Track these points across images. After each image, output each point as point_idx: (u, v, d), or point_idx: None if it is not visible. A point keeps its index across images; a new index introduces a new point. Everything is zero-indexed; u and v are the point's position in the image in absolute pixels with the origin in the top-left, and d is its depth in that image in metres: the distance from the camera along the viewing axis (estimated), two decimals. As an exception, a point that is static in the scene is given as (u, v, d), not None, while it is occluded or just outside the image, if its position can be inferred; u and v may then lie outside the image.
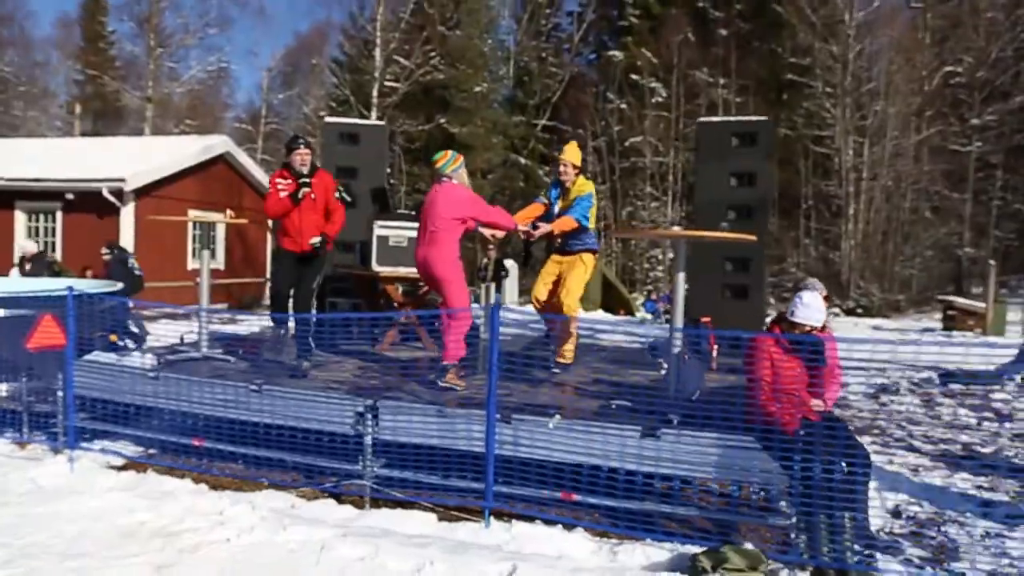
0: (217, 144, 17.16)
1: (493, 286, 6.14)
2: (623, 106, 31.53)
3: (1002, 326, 14.16)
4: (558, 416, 3.89)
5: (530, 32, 35.68)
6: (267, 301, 19.80)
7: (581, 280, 5.75)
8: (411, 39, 30.37)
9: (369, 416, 4.22)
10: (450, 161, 5.19)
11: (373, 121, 9.15)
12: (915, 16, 29.33)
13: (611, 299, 19.24)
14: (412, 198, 33.70)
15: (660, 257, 30.26)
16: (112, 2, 36.37)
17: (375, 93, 29.42)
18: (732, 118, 7.44)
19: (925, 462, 5.32)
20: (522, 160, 34.03)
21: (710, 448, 3.74)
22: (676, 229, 4.54)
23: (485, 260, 5.96)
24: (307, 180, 5.45)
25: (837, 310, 24.23)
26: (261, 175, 18.86)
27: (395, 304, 6.72)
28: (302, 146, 5.49)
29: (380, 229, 6.50)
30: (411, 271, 6.36)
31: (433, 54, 30.66)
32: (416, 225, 6.29)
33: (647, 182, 30.53)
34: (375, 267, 6.47)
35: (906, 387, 8.00)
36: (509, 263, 8.46)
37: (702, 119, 7.40)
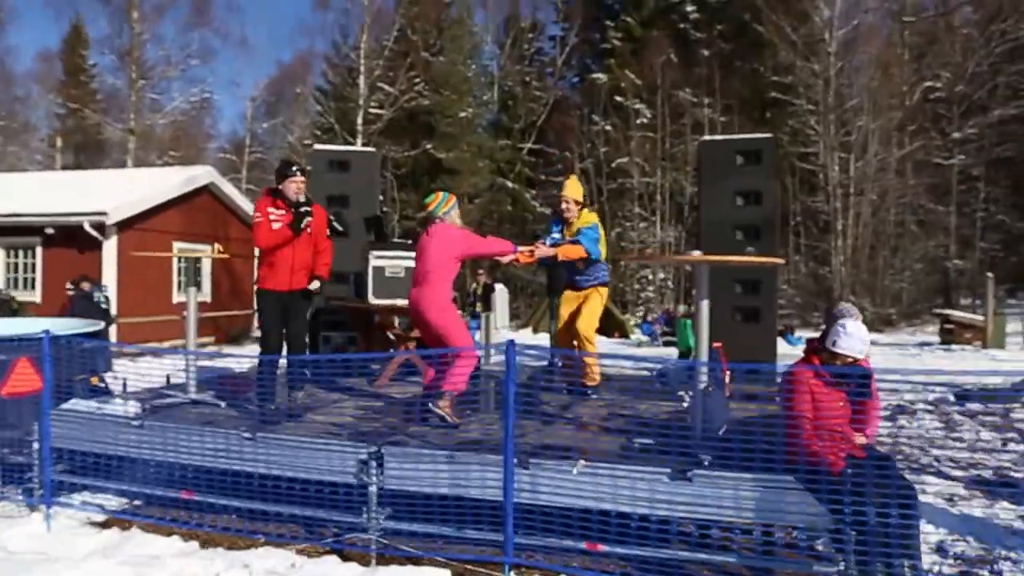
0: (201, 175, 16.85)
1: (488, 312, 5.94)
2: (608, 128, 31.52)
3: (1002, 339, 14.02)
4: (582, 461, 3.58)
5: (513, 56, 35.76)
6: (256, 333, 19.41)
7: (596, 311, 5.80)
8: (395, 66, 30.32)
9: (373, 463, 3.90)
10: (442, 203, 5.07)
11: (363, 148, 8.83)
12: (895, 32, 29.59)
13: (605, 322, 18.95)
14: (402, 225, 33.51)
15: (650, 277, 30.09)
16: (93, 35, 36.13)
17: (360, 120, 29.24)
18: (735, 136, 7.24)
19: (960, 490, 5.04)
20: (509, 184, 33.91)
21: (747, 490, 3.45)
22: (696, 254, 4.26)
23: (474, 285, 5.75)
24: (308, 210, 5.11)
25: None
26: (247, 205, 18.54)
27: (393, 338, 6.41)
28: (298, 173, 5.09)
29: (376, 259, 6.21)
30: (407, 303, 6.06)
31: (417, 80, 30.61)
32: (413, 254, 6.02)
33: (635, 203, 30.45)
34: (371, 299, 6.16)
35: (923, 408, 7.75)
36: (499, 287, 8.16)
37: (704, 138, 7.20)
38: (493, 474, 3.66)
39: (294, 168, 5.13)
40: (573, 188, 5.85)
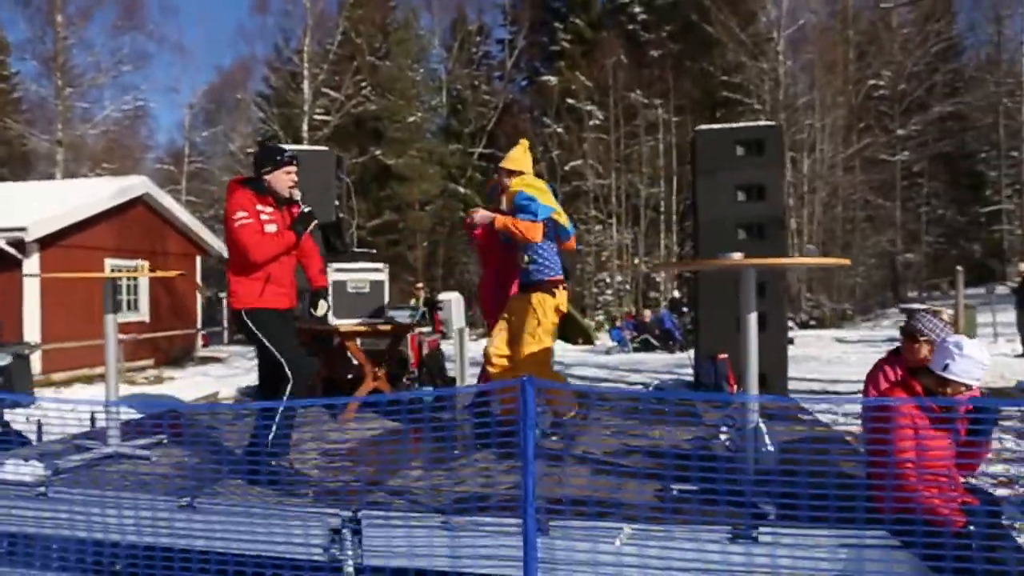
0: (135, 185, 15.57)
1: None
2: (560, 130, 30.98)
3: (973, 332, 13.79)
4: (627, 528, 2.80)
5: (461, 60, 34.97)
6: (200, 353, 18.10)
7: (533, 333, 4.30)
8: (340, 70, 29.23)
9: (348, 533, 3.05)
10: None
11: (316, 147, 7.91)
12: (840, 31, 29.82)
13: (568, 329, 18.28)
14: (350, 235, 32.31)
15: (608, 280, 29.60)
16: (13, 40, 33.99)
17: (305, 127, 28.06)
18: (735, 124, 6.59)
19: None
20: (461, 189, 33.06)
21: (831, 550, 2.72)
22: (737, 256, 3.49)
23: (413, 300, 4.89)
24: (311, 211, 3.97)
25: (791, 324, 23.93)
26: (186, 217, 17.30)
27: (359, 365, 5.52)
28: (292, 162, 3.92)
29: (336, 273, 5.33)
30: (375, 323, 5.20)
31: (364, 85, 29.57)
32: (379, 266, 5.18)
33: (590, 205, 29.93)
34: (331, 320, 5.28)
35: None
36: (453, 295, 7.41)
37: (700, 127, 6.53)
38: (509, 545, 2.84)
39: (287, 155, 3.91)
40: (510, 157, 4.68)
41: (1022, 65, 29.77)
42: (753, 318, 3.39)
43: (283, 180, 3.89)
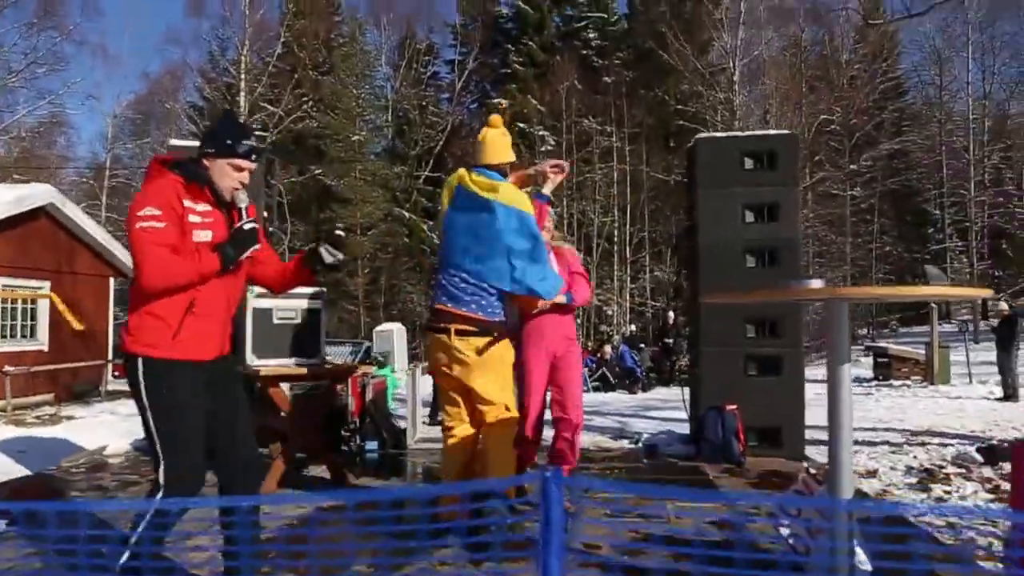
0: (37, 194, 13.84)
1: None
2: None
3: (947, 374, 13.26)
4: None
5: (409, 79, 33.97)
6: (111, 386, 16.27)
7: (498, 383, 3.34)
8: (279, 83, 27.81)
9: None
10: None
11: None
12: (794, 64, 29.99)
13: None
14: (287, 259, 30.58)
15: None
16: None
17: (241, 142, 26.45)
18: (742, 133, 5.65)
19: None
20: (405, 214, 31.84)
21: None
22: (816, 284, 2.50)
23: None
24: (255, 227, 2.63)
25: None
26: (99, 232, 15.59)
27: (283, 415, 4.29)
28: (252, 155, 2.63)
29: (257, 299, 4.11)
30: (308, 364, 4.01)
31: (305, 99, 28.20)
32: (314, 290, 4.01)
33: (541, 233, 29.05)
34: (250, 361, 4.05)
35: (953, 471, 6.34)
36: (395, 326, 6.22)
37: (701, 135, 5.58)
38: None
39: (245, 143, 2.58)
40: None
41: (968, 107, 30.41)
42: (846, 371, 2.35)
43: (227, 175, 2.57)
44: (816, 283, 2.48)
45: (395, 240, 31.40)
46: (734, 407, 5.00)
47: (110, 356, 16.68)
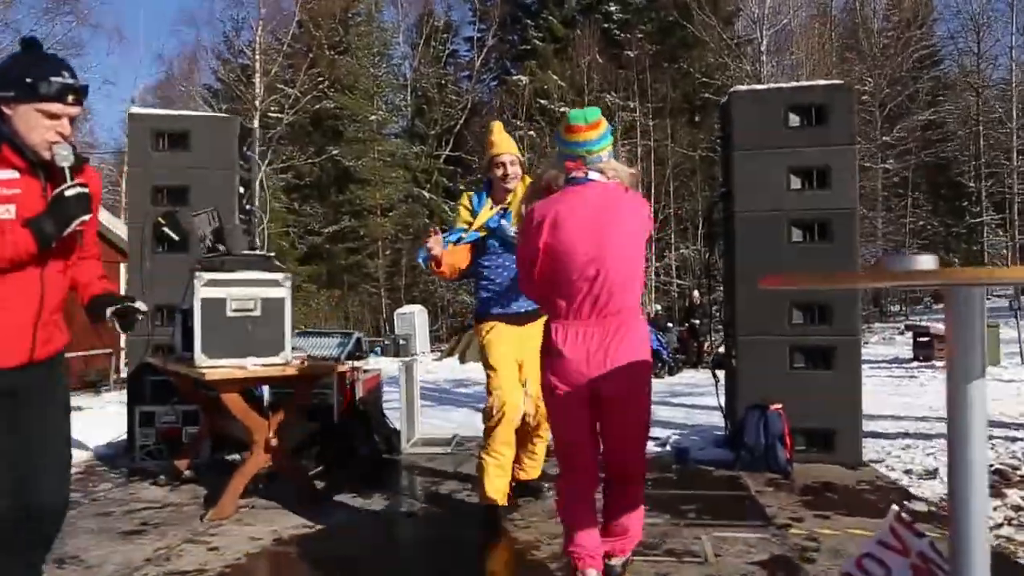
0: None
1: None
2: (532, 132, 29.30)
3: (997, 353, 12.31)
4: None
5: (427, 58, 33.13)
6: (123, 374, 15.93)
7: None
8: (295, 64, 27.17)
9: None
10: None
11: (213, 113, 5.95)
12: (824, 33, 28.72)
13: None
14: (307, 242, 30.20)
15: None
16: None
17: (256, 124, 25.94)
18: (787, 85, 4.84)
19: None
20: (426, 194, 31.16)
21: None
22: (926, 263, 1.84)
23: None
24: (84, 191, 2.02)
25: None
26: (107, 218, 15.17)
27: (247, 431, 3.63)
28: (70, 95, 1.98)
29: (207, 288, 3.45)
30: (272, 363, 3.37)
31: (321, 80, 27.51)
32: (276, 276, 3.37)
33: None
34: (198, 361, 3.39)
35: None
36: (417, 308, 5.63)
37: (737, 88, 4.80)
38: None
39: (56, 79, 1.95)
40: (507, 139, 3.50)
41: (1011, 72, 28.93)
42: (979, 392, 1.62)
43: (37, 126, 1.94)
44: (926, 261, 1.73)
45: (416, 221, 30.72)
46: (778, 406, 4.27)
47: (122, 344, 16.33)
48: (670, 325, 15.82)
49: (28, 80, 1.92)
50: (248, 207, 5.26)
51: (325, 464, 4.38)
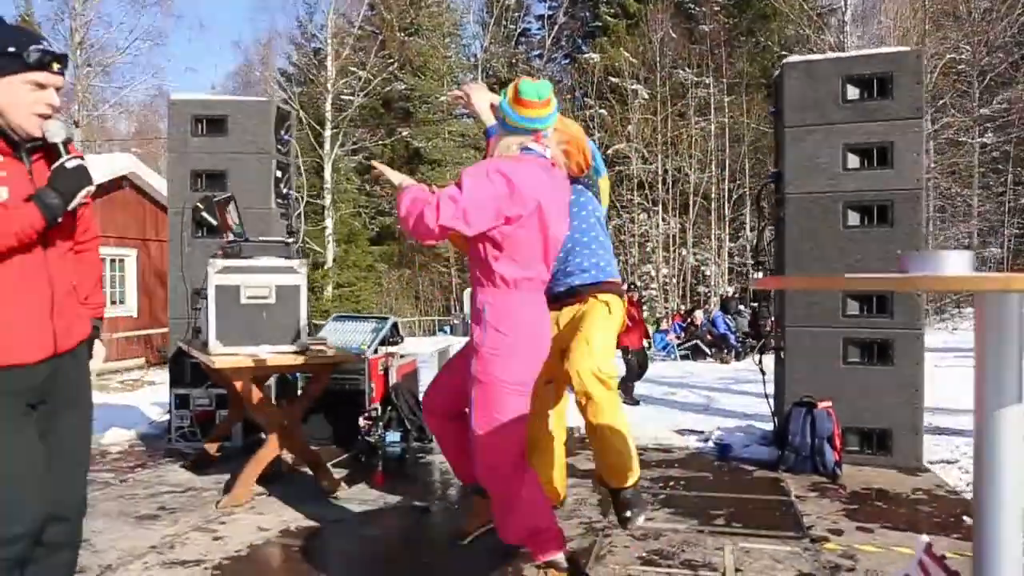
0: (120, 164, 14.00)
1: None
2: (603, 111, 28.77)
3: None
4: None
5: (498, 37, 32.90)
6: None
7: (602, 329, 2.68)
8: (366, 47, 27.42)
9: None
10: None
11: (251, 98, 5.92)
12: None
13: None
14: (379, 222, 30.64)
15: (653, 274, 27.36)
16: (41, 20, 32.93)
17: (328, 106, 26.39)
18: (845, 54, 4.45)
19: None
20: (496, 175, 31.06)
21: None
22: (956, 260, 1.61)
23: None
24: (82, 164, 1.92)
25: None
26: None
27: (262, 419, 3.59)
28: (56, 66, 1.86)
29: (221, 275, 3.40)
30: (286, 351, 3.31)
31: (391, 62, 27.70)
32: (292, 263, 3.30)
33: (635, 192, 27.67)
34: (212, 348, 3.36)
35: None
36: None
37: (790, 58, 4.44)
38: None
39: (36, 48, 1.81)
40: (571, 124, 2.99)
41: None
42: (1014, 419, 1.35)
43: (24, 99, 1.80)
44: (956, 259, 1.44)
45: (486, 203, 30.75)
46: (828, 404, 3.95)
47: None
48: (741, 308, 15.26)
49: (12, 49, 1.78)
50: (286, 191, 5.23)
51: (354, 452, 4.33)
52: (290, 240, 3.87)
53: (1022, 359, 1.37)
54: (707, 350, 12.95)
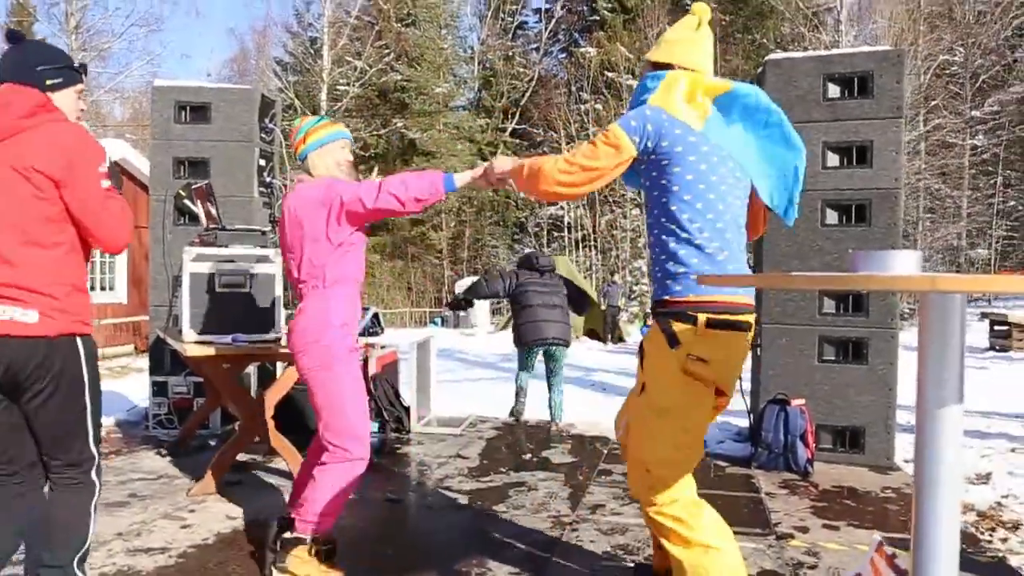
0: (109, 149, 13.89)
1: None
2: (599, 106, 28.73)
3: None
4: None
5: (495, 30, 32.84)
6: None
7: (657, 389, 2.01)
8: (363, 37, 27.30)
9: None
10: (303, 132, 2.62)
11: (232, 85, 5.88)
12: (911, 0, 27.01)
13: (595, 322, 16.30)
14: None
15: (644, 270, 27.37)
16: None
17: (324, 96, 26.28)
18: (825, 52, 4.45)
19: None
20: (490, 167, 31.01)
21: None
22: (904, 259, 1.63)
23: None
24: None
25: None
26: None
27: (234, 407, 3.59)
28: (83, 73, 2.15)
29: (196, 263, 3.40)
30: (260, 340, 3.31)
31: (388, 53, 27.60)
32: (267, 252, 3.29)
33: (627, 187, 27.66)
34: (185, 337, 3.36)
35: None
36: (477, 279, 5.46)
37: (773, 56, 4.44)
38: None
39: (82, 63, 2.15)
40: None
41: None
42: (950, 420, 1.36)
43: (74, 106, 2.09)
44: (905, 258, 1.45)
45: (480, 194, 30.69)
46: (801, 402, 3.97)
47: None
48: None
49: (74, 65, 2.07)
50: (269, 180, 5.21)
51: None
52: (267, 229, 3.85)
53: (963, 359, 1.38)
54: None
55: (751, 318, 2.01)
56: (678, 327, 1.94)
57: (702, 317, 1.92)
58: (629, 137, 1.97)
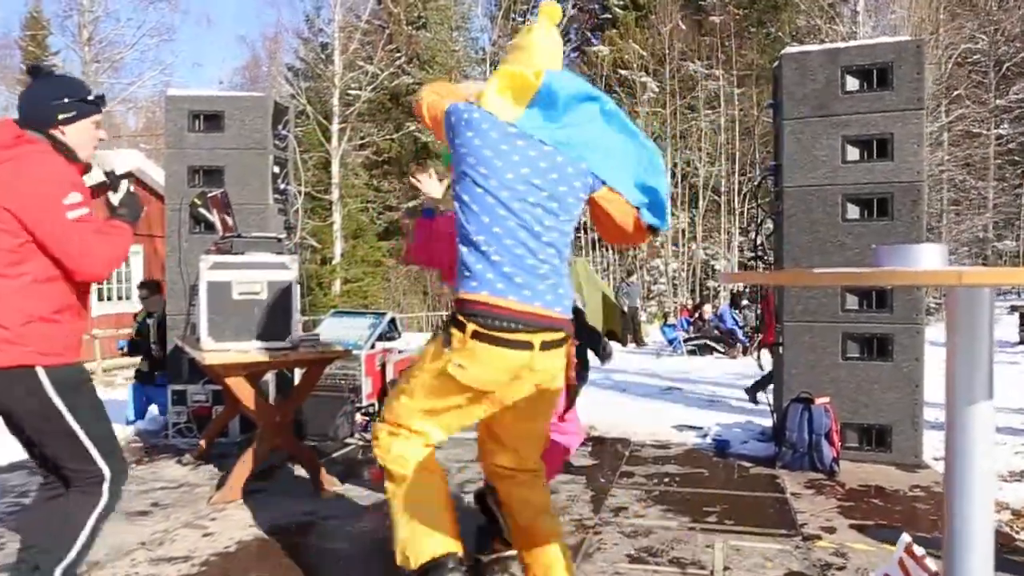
0: (124, 159, 14.06)
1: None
2: (611, 104, 28.61)
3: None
4: None
5: (506, 31, 32.75)
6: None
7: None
8: (374, 41, 27.38)
9: None
10: None
11: (246, 93, 5.89)
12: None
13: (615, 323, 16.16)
14: (386, 218, 30.66)
15: (662, 268, 27.25)
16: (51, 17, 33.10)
17: (336, 101, 26.38)
18: (843, 44, 4.37)
19: None
20: (504, 169, 31.00)
21: None
22: (929, 253, 1.58)
23: None
24: (113, 171, 2.29)
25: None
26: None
27: (253, 416, 3.58)
28: (102, 104, 2.19)
29: (213, 271, 3.40)
30: (277, 348, 3.30)
31: (399, 56, 27.68)
32: (283, 259, 3.29)
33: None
34: (203, 346, 3.36)
35: None
36: None
37: (790, 49, 4.38)
38: None
39: (96, 94, 2.16)
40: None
41: None
42: (982, 419, 1.32)
43: (90, 137, 2.13)
44: (930, 252, 1.40)
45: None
46: (826, 400, 3.91)
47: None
48: (746, 303, 15.17)
49: (89, 97, 2.12)
50: (284, 186, 5.22)
51: (349, 448, 4.32)
52: (282, 236, 3.85)
53: (992, 356, 1.34)
54: (717, 347, 12.86)
55: (545, 338, 1.94)
56: (454, 331, 1.95)
57: (470, 327, 1.90)
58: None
